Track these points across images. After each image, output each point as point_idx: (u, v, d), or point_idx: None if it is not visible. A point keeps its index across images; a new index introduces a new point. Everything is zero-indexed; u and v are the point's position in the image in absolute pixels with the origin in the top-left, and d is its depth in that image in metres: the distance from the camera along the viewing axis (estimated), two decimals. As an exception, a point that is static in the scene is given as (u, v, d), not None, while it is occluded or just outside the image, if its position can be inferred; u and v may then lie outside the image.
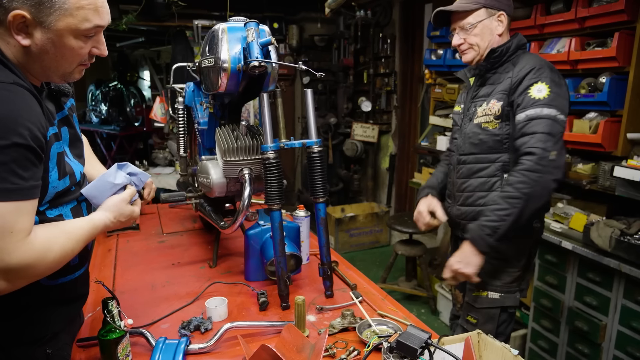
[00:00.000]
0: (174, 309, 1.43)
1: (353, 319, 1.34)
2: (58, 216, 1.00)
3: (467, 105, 1.72)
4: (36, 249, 0.86)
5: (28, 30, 0.88)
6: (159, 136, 4.93)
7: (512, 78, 1.56)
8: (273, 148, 1.38)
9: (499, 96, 1.58)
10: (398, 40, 4.29)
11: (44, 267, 0.89)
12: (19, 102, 0.84)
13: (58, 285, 1.03)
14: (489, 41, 1.60)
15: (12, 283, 0.84)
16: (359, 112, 4.73)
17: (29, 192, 0.85)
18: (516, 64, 1.58)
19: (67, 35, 0.90)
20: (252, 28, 1.27)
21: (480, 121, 1.62)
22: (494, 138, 1.59)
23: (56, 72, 0.95)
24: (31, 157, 0.84)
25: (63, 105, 1.07)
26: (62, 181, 0.98)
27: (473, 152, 1.65)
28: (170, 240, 2.08)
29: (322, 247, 1.52)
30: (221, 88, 1.35)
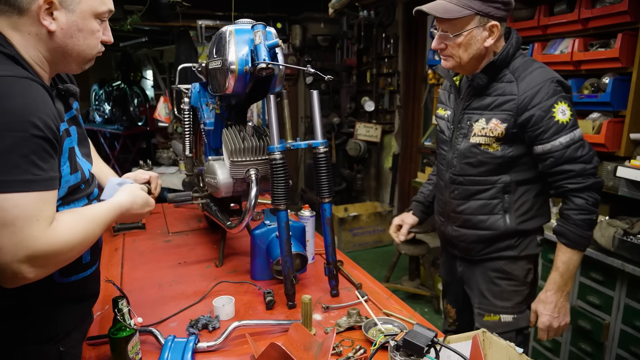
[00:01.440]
0: (182, 308, 1.45)
1: (359, 317, 1.36)
2: None
3: (457, 116, 1.54)
4: (61, 234, 0.89)
5: (53, 15, 0.92)
6: (162, 136, 4.95)
7: (517, 97, 1.38)
8: (280, 149, 1.40)
9: (502, 116, 1.41)
10: (401, 40, 4.30)
11: (70, 250, 0.91)
12: (33, 95, 0.86)
13: (70, 283, 1.05)
14: (474, 54, 1.38)
15: (43, 269, 0.87)
16: (362, 112, 4.74)
17: (49, 182, 0.87)
18: (519, 77, 1.40)
19: (89, 17, 0.96)
20: (259, 30, 1.29)
21: (479, 141, 1.46)
22: (495, 161, 1.46)
23: (77, 58, 0.99)
24: (48, 149, 0.87)
25: (71, 105, 1.09)
26: (74, 176, 1.00)
27: (470, 173, 1.51)
28: (176, 240, 2.10)
29: (328, 247, 1.53)
30: (228, 89, 1.37)
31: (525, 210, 1.50)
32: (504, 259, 1.54)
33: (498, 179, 1.48)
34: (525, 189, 1.49)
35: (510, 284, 1.55)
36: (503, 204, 1.50)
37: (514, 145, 1.44)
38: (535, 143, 1.40)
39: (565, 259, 1.42)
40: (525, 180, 1.49)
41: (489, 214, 1.51)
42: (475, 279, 1.62)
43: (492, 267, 1.56)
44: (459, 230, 1.58)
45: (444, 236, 1.68)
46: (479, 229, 1.53)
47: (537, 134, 1.38)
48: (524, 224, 1.51)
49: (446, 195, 1.60)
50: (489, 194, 1.50)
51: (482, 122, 1.45)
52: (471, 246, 1.57)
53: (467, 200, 1.53)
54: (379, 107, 4.62)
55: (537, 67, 1.41)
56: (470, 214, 1.54)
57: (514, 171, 1.47)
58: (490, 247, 1.54)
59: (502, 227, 1.50)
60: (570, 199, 1.40)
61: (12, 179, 0.81)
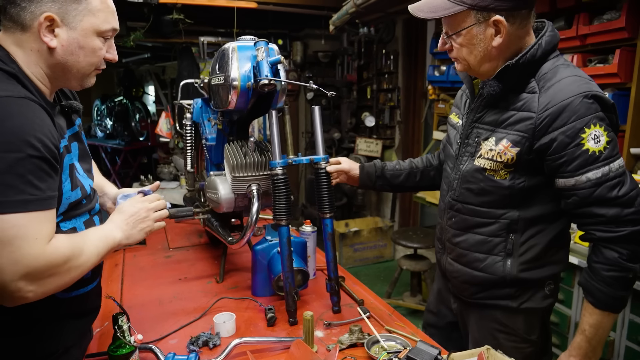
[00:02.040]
0: (182, 325, 1.43)
1: (361, 334, 1.34)
2: (72, 229, 1.03)
3: (466, 128, 1.28)
4: (60, 252, 0.89)
5: (54, 32, 0.94)
6: (164, 151, 4.97)
7: (536, 115, 1.10)
8: (281, 164, 1.40)
9: (514, 138, 1.14)
10: (401, 57, 4.34)
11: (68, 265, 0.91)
12: (30, 115, 0.87)
13: (71, 299, 1.05)
14: (481, 55, 1.15)
15: (42, 287, 0.87)
16: (362, 127, 4.76)
17: (47, 202, 0.88)
18: (543, 87, 1.11)
19: (90, 35, 0.97)
20: (261, 47, 1.30)
21: (483, 165, 1.21)
22: (501, 191, 1.20)
23: (77, 74, 1.00)
24: (46, 168, 0.87)
25: (74, 121, 1.10)
26: (75, 192, 1.01)
27: (470, 202, 1.26)
28: (176, 255, 2.09)
29: (330, 263, 1.52)
30: (231, 105, 1.38)
31: (533, 256, 1.22)
32: (501, 309, 1.30)
33: (503, 213, 1.21)
34: (537, 229, 1.21)
35: (509, 339, 1.29)
36: (506, 244, 1.22)
37: (527, 174, 1.16)
38: (556, 175, 1.12)
39: (594, 321, 1.14)
40: (539, 219, 1.21)
41: (487, 254, 1.26)
42: (471, 324, 1.39)
43: (488, 315, 1.32)
44: (452, 265, 1.36)
45: (439, 265, 1.47)
46: (473, 269, 1.29)
47: (558, 164, 1.10)
48: (527, 273, 1.23)
49: (444, 220, 1.37)
50: (490, 230, 1.24)
51: (492, 142, 1.19)
52: (464, 286, 1.35)
53: (464, 232, 1.30)
54: (379, 122, 4.64)
55: (567, 74, 1.10)
56: (466, 248, 1.30)
57: (525, 206, 1.20)
58: (484, 292, 1.30)
59: (500, 272, 1.24)
60: (600, 250, 1.12)
61: (8, 199, 0.82)
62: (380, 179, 1.61)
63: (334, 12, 3.85)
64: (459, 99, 1.42)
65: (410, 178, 1.62)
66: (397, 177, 1.61)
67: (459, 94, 1.44)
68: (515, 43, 1.14)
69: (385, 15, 3.85)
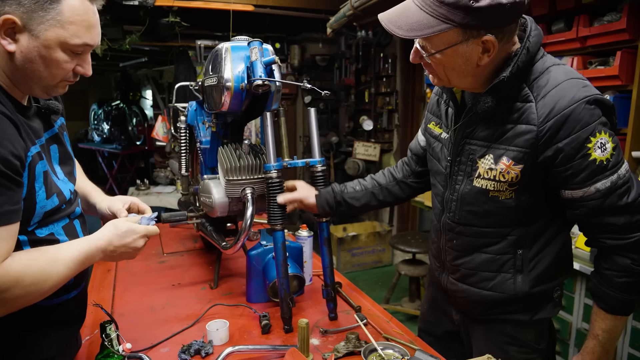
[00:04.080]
0: (174, 332, 1.39)
1: (358, 342, 1.30)
2: (49, 235, 0.98)
3: (456, 145, 1.17)
4: (11, 275, 0.82)
5: (15, 37, 0.87)
6: (160, 155, 4.93)
7: (537, 127, 1.01)
8: (276, 167, 1.37)
9: (516, 154, 1.05)
10: (399, 60, 4.33)
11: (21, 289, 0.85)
12: None
13: (53, 306, 1.01)
14: (464, 73, 1.04)
15: None
16: (360, 131, 4.74)
17: (3, 217, 0.82)
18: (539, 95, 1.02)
19: (54, 47, 0.89)
20: (255, 47, 1.27)
21: (485, 186, 1.12)
22: (506, 211, 1.13)
23: (39, 83, 0.93)
24: (3, 182, 0.81)
25: (53, 123, 1.05)
26: (50, 200, 0.96)
27: (474, 223, 1.18)
28: (170, 261, 2.05)
29: (326, 268, 1.49)
30: (224, 107, 1.35)
31: (544, 269, 1.17)
32: (511, 323, 1.24)
33: (510, 230, 1.15)
34: (544, 242, 1.17)
35: (520, 350, 1.25)
36: (515, 260, 1.17)
37: (532, 190, 1.10)
38: (563, 187, 1.07)
39: (606, 326, 1.11)
40: (546, 232, 1.16)
41: (496, 272, 1.19)
42: (477, 338, 1.33)
43: (498, 329, 1.27)
44: (456, 285, 1.28)
45: (438, 282, 1.37)
46: (482, 289, 1.22)
47: (565, 176, 1.04)
48: (540, 287, 1.19)
49: (442, 240, 1.28)
50: (497, 248, 1.18)
51: (489, 160, 1.10)
52: (471, 305, 1.28)
53: (468, 254, 1.22)
54: (377, 126, 4.61)
55: (562, 78, 1.02)
56: (472, 268, 1.22)
57: (532, 221, 1.15)
58: (494, 309, 1.24)
59: (512, 290, 1.18)
60: (611, 257, 1.08)
61: None
62: (340, 204, 1.48)
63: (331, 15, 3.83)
64: (436, 107, 1.29)
65: (374, 197, 1.49)
66: (358, 199, 1.48)
67: (434, 99, 1.31)
68: (501, 55, 1.03)
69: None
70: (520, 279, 1.18)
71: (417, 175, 1.48)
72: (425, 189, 1.52)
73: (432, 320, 1.51)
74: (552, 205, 1.14)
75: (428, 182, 1.47)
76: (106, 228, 1.06)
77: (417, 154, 1.47)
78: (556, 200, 1.12)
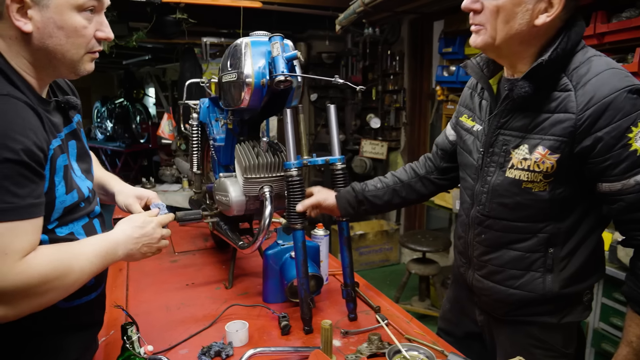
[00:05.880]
0: (192, 333, 1.37)
1: (381, 343, 1.28)
2: (69, 234, 0.95)
3: (489, 136, 1.15)
4: (35, 270, 0.80)
5: (27, 15, 0.84)
6: (165, 153, 4.90)
7: (576, 115, 0.99)
8: (296, 165, 1.34)
9: (552, 143, 1.02)
10: (407, 57, 4.29)
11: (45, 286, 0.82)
12: (10, 115, 0.79)
13: (73, 308, 0.98)
14: (515, 31, 1.00)
15: (14, 309, 0.79)
16: (367, 129, 4.70)
17: (26, 210, 0.79)
18: (578, 84, 1.00)
19: (67, 11, 0.86)
20: (277, 42, 1.24)
21: (519, 177, 1.09)
22: (540, 204, 1.09)
23: (63, 60, 0.89)
24: (26, 173, 0.79)
25: (71, 118, 1.02)
26: (70, 195, 0.93)
27: (505, 217, 1.15)
28: (182, 260, 2.02)
29: (346, 268, 1.46)
30: (243, 103, 1.32)
31: (576, 269, 1.13)
32: (538, 325, 1.20)
33: (543, 226, 1.11)
34: (578, 240, 1.13)
35: (547, 354, 1.21)
36: (546, 259, 1.13)
37: (567, 182, 1.06)
38: (600, 180, 1.03)
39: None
40: (579, 229, 1.12)
41: (524, 270, 1.16)
42: (501, 340, 1.30)
43: (524, 331, 1.23)
44: (482, 282, 1.24)
45: (463, 279, 1.35)
46: (508, 287, 1.18)
47: (603, 168, 1.00)
48: (570, 288, 1.15)
49: (469, 235, 1.25)
50: (527, 245, 1.14)
51: (524, 150, 1.07)
52: (496, 304, 1.25)
53: (497, 249, 1.19)
54: (384, 124, 4.58)
55: (603, 67, 0.99)
56: (500, 265, 1.19)
57: (565, 217, 1.11)
58: (520, 309, 1.21)
59: (540, 290, 1.15)
60: None
61: None
62: (362, 203, 1.43)
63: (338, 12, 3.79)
64: (469, 99, 1.29)
65: (396, 195, 1.45)
66: (380, 197, 1.44)
67: (467, 92, 1.31)
68: (550, 31, 1.02)
69: (392, 14, 3.80)
70: (550, 279, 1.14)
71: (440, 171, 1.45)
72: (448, 187, 1.49)
73: (453, 320, 1.49)
74: (587, 201, 1.10)
75: (451, 179, 1.44)
76: (122, 223, 1.05)
77: (445, 149, 1.43)
78: (591, 195, 1.07)
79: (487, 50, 1.11)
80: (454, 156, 1.38)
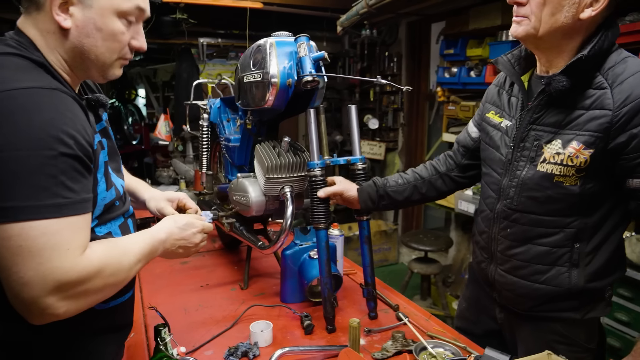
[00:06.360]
0: (214, 334, 1.37)
1: (405, 341, 1.30)
2: (107, 234, 0.95)
3: (520, 130, 1.17)
4: (94, 265, 0.80)
5: (69, 11, 0.84)
6: (162, 154, 4.86)
7: (612, 112, 1.02)
8: (320, 165, 1.35)
9: (587, 139, 1.05)
10: (404, 59, 4.33)
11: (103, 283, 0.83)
12: (61, 109, 0.78)
13: (109, 310, 0.97)
14: (561, 23, 1.03)
15: (76, 303, 0.79)
16: (365, 130, 4.73)
17: (82, 205, 0.79)
18: (614, 82, 1.03)
19: (108, 15, 0.86)
20: (303, 42, 1.25)
21: (551, 170, 1.11)
22: (570, 199, 1.11)
23: (96, 62, 0.89)
24: (79, 168, 0.79)
25: (101, 116, 1.02)
26: (109, 192, 0.93)
27: (533, 210, 1.16)
28: (193, 261, 2.01)
29: (367, 267, 1.48)
30: (268, 103, 1.32)
31: (600, 264, 1.15)
32: (562, 321, 1.22)
33: (571, 221, 1.13)
34: (603, 236, 1.15)
35: (570, 349, 1.21)
36: (572, 254, 1.15)
37: (597, 178, 1.09)
38: (631, 175, 1.05)
39: None
40: (605, 225, 1.15)
41: (550, 265, 1.17)
42: (523, 336, 1.31)
43: (547, 327, 1.25)
44: (505, 277, 1.26)
45: (483, 275, 1.36)
46: (533, 282, 1.20)
47: (636, 164, 1.03)
48: (595, 283, 1.17)
49: (494, 229, 1.26)
50: (554, 240, 1.16)
51: (557, 145, 1.10)
52: (520, 299, 1.26)
53: (523, 244, 1.20)
54: (382, 124, 4.61)
55: (639, 68, 1.03)
56: (526, 260, 1.20)
57: (592, 212, 1.13)
58: (544, 305, 1.22)
59: (566, 284, 1.17)
60: None
61: (39, 203, 0.73)
62: (383, 198, 1.45)
63: (337, 13, 3.81)
64: (496, 97, 1.32)
65: (416, 191, 1.46)
66: (401, 193, 1.46)
67: (494, 90, 1.34)
68: (592, 26, 1.05)
69: (395, 16, 3.82)
70: (576, 274, 1.16)
71: (461, 168, 1.46)
72: (468, 184, 1.51)
73: (472, 318, 1.50)
74: (614, 197, 1.13)
75: (472, 177, 1.46)
76: (165, 221, 1.05)
77: (466, 146, 1.44)
78: (618, 191, 1.11)
79: (527, 41, 1.12)
80: (475, 153, 1.40)
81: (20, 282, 0.73)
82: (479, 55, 3.02)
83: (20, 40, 0.84)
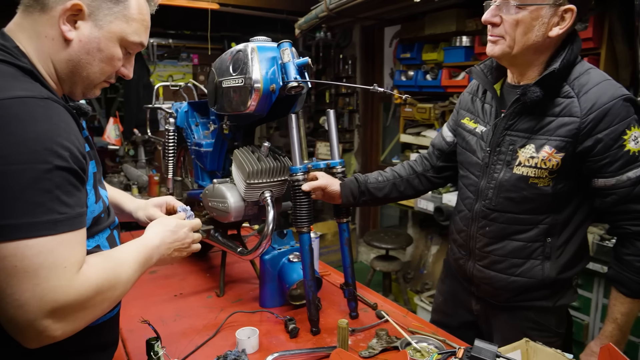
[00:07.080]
0: (198, 344, 1.34)
1: (389, 338, 1.34)
2: (95, 248, 0.92)
3: (496, 136, 1.26)
4: (92, 281, 0.77)
5: (75, 24, 0.83)
6: (110, 159, 4.62)
7: (580, 119, 1.12)
8: (302, 169, 1.36)
9: (558, 143, 1.15)
10: (359, 61, 4.42)
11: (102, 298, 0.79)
12: (55, 119, 0.75)
13: (98, 327, 0.94)
14: (532, 42, 1.13)
15: (72, 324, 0.75)
16: (321, 131, 4.77)
17: (78, 220, 0.76)
18: (580, 92, 1.14)
19: (114, 41, 0.87)
20: (287, 48, 1.26)
21: (526, 173, 1.21)
22: (543, 198, 1.22)
23: (86, 79, 0.88)
24: (74, 181, 0.76)
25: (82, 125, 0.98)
26: (98, 205, 0.90)
27: (510, 210, 1.26)
28: (162, 270, 1.94)
29: (347, 268, 1.51)
30: (250, 109, 1.31)
31: (569, 256, 1.27)
32: (535, 309, 1.33)
33: (544, 218, 1.24)
34: (572, 230, 1.26)
35: (542, 335, 1.31)
36: (544, 248, 1.25)
37: (567, 178, 1.20)
38: (596, 175, 1.17)
39: (626, 310, 1.21)
40: (573, 221, 1.26)
41: (525, 259, 1.27)
42: (499, 325, 1.40)
43: (522, 316, 1.35)
44: (483, 271, 1.34)
45: (461, 270, 1.44)
46: (510, 275, 1.30)
47: (600, 165, 1.14)
48: (564, 273, 1.28)
49: (472, 228, 1.35)
50: (529, 236, 1.26)
51: (531, 149, 1.19)
52: (497, 292, 1.35)
53: (500, 240, 1.29)
54: (338, 126, 4.66)
55: (600, 78, 1.15)
56: (503, 255, 1.30)
57: (562, 209, 1.24)
58: (519, 295, 1.32)
59: (539, 275, 1.27)
60: (632, 242, 1.19)
61: (35, 220, 0.70)
62: (364, 194, 1.50)
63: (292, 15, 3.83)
64: (470, 103, 1.40)
65: (395, 189, 1.53)
66: (380, 189, 1.52)
67: (467, 97, 1.43)
68: (559, 42, 1.16)
69: (354, 20, 3.89)
70: (548, 266, 1.27)
71: (436, 170, 1.54)
72: (443, 184, 1.60)
73: (448, 312, 1.58)
74: (580, 195, 1.24)
75: (446, 178, 1.55)
76: (154, 227, 1.02)
77: (441, 149, 1.52)
78: (584, 190, 1.22)
79: (502, 59, 1.22)
80: (449, 156, 1.48)
81: (16, 304, 0.69)
82: (434, 59, 3.15)
83: (4, 45, 0.79)
